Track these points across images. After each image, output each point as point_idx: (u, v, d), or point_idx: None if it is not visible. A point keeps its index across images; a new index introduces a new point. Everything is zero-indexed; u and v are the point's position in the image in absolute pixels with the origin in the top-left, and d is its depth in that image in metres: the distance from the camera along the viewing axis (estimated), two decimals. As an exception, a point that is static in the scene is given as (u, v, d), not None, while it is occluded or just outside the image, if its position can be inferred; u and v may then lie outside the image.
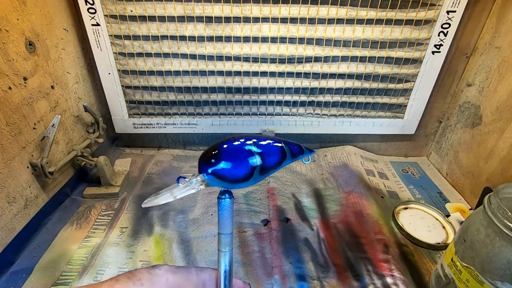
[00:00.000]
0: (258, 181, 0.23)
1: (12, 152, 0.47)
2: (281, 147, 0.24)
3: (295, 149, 0.24)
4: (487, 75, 0.62)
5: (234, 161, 0.22)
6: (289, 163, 0.24)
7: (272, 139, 0.24)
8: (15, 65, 0.47)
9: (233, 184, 0.23)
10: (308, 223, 0.57)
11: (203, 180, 0.22)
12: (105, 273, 0.47)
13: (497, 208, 0.34)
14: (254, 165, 0.22)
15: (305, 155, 0.25)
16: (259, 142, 0.23)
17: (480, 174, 0.62)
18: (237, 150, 0.22)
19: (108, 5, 0.58)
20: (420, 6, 0.60)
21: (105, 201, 0.61)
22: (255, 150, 0.22)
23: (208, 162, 0.22)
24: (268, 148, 0.23)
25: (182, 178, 0.22)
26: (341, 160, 0.75)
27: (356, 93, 0.70)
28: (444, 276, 0.41)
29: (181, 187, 0.22)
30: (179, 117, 0.72)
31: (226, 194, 0.23)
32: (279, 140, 0.24)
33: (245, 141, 0.23)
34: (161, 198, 0.22)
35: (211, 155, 0.22)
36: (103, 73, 0.66)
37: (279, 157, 0.23)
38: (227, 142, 0.23)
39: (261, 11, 0.60)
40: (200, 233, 0.54)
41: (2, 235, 0.46)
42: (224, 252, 0.23)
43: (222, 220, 0.23)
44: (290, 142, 0.24)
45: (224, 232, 0.23)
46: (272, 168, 0.23)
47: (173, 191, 0.22)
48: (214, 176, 0.22)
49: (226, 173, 0.22)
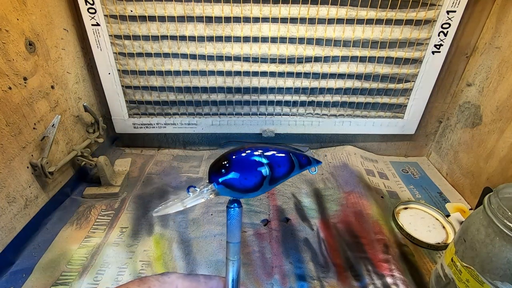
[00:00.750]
0: (266, 191, 0.24)
1: (12, 152, 0.47)
2: (290, 158, 0.24)
3: (303, 160, 0.25)
4: (487, 75, 0.62)
5: (244, 171, 0.22)
6: (296, 174, 0.25)
7: (281, 151, 0.24)
8: (15, 65, 0.47)
9: (243, 194, 0.23)
10: (308, 223, 0.57)
11: (213, 189, 0.22)
12: (105, 273, 0.47)
13: (497, 208, 0.34)
14: (264, 175, 0.23)
15: (312, 165, 0.26)
16: (268, 153, 0.23)
17: (480, 174, 0.62)
18: (247, 160, 0.23)
19: (108, 5, 0.58)
20: (420, 6, 0.59)
21: (105, 201, 0.61)
22: (265, 161, 0.23)
23: (218, 172, 0.22)
24: (278, 159, 0.24)
25: (193, 188, 0.22)
26: (341, 160, 0.75)
27: (356, 93, 0.70)
28: (444, 276, 0.41)
29: (192, 196, 0.22)
30: (179, 117, 0.72)
31: (235, 203, 0.24)
32: (288, 151, 0.25)
33: (255, 151, 0.23)
34: (171, 207, 0.22)
35: (222, 165, 0.22)
36: (103, 73, 0.66)
37: (288, 167, 0.24)
38: (237, 153, 0.23)
39: (261, 11, 0.60)
40: (200, 233, 0.54)
41: (2, 235, 0.46)
42: (233, 261, 0.24)
43: (231, 229, 0.24)
44: (298, 153, 0.25)
45: (232, 241, 0.24)
46: (281, 179, 0.24)
47: (184, 201, 0.22)
48: (224, 186, 0.22)
49: (236, 183, 0.22)
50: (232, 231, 0.24)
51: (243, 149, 0.23)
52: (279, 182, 0.24)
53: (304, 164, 0.25)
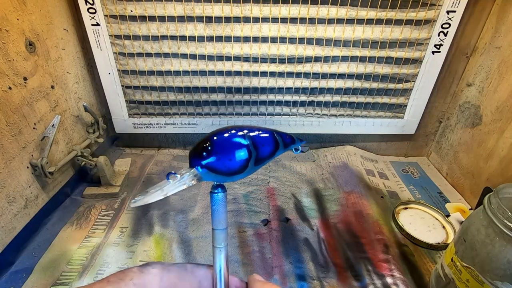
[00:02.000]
0: (252, 173, 0.23)
1: (12, 152, 0.47)
2: (274, 137, 0.24)
3: (287, 139, 0.25)
4: (487, 75, 0.62)
5: (228, 152, 0.21)
6: (282, 153, 0.25)
7: (263, 130, 0.24)
8: (15, 65, 0.47)
9: (228, 177, 0.22)
10: (308, 223, 0.57)
11: (196, 174, 0.21)
12: (105, 273, 0.47)
13: (497, 208, 0.34)
14: (248, 155, 0.22)
15: (297, 144, 0.26)
16: (252, 133, 0.23)
17: (480, 174, 0.62)
18: (230, 141, 0.22)
19: (108, 5, 0.58)
20: (420, 6, 0.59)
21: (105, 201, 0.61)
22: (248, 141, 0.22)
23: (200, 155, 0.21)
24: (262, 139, 0.23)
25: (172, 174, 0.21)
26: (341, 160, 0.75)
27: (356, 93, 0.70)
28: (444, 276, 0.41)
29: (172, 183, 0.21)
30: (179, 117, 0.72)
31: (219, 188, 0.23)
32: (272, 131, 0.24)
33: (237, 132, 0.22)
34: (151, 196, 0.20)
35: (203, 147, 0.21)
36: (103, 73, 0.66)
37: (272, 147, 0.24)
38: (218, 134, 0.22)
39: (261, 11, 0.60)
40: (200, 233, 0.54)
41: (2, 235, 0.46)
42: (219, 248, 0.23)
43: (216, 215, 0.23)
44: (282, 132, 0.25)
45: (218, 227, 0.23)
46: (267, 159, 0.23)
47: (164, 188, 0.21)
48: (207, 169, 0.21)
49: (220, 165, 0.21)
50: (217, 217, 0.23)
51: (225, 130, 0.22)
52: (265, 163, 0.24)
53: (288, 142, 0.25)
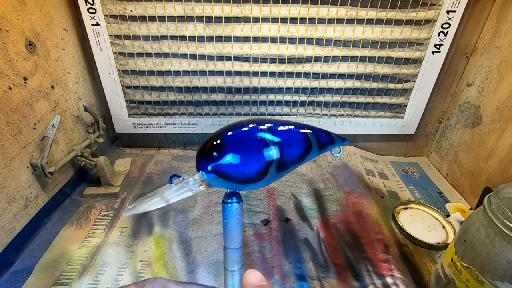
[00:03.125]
0: (273, 181, 0.17)
1: (12, 152, 0.47)
2: (306, 134, 0.18)
3: (323, 138, 0.18)
4: (487, 75, 0.62)
5: (243, 153, 0.16)
6: (314, 156, 0.18)
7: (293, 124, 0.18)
8: (15, 65, 0.47)
9: (242, 185, 0.17)
10: (308, 223, 0.57)
11: (203, 179, 0.17)
12: (105, 273, 0.47)
13: (497, 208, 0.34)
14: (269, 159, 0.16)
15: (336, 145, 0.19)
16: (276, 128, 0.17)
17: (480, 174, 0.62)
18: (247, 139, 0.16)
19: (108, 5, 0.58)
20: (420, 6, 0.59)
21: (105, 201, 0.61)
22: (272, 139, 0.16)
23: (208, 156, 0.16)
24: (289, 136, 0.17)
25: (177, 177, 0.17)
26: (341, 160, 0.75)
27: (356, 93, 0.70)
28: (444, 276, 0.41)
29: (175, 188, 0.17)
30: (179, 117, 0.72)
31: (234, 197, 0.18)
32: (303, 126, 0.18)
33: (257, 126, 0.17)
34: (149, 203, 0.17)
35: (213, 146, 0.16)
36: (103, 73, 0.66)
37: (303, 148, 0.17)
38: (233, 129, 0.17)
39: (261, 11, 0.60)
40: (200, 233, 0.54)
41: (2, 235, 0.46)
42: (232, 272, 0.18)
43: (228, 231, 0.18)
44: (317, 128, 0.19)
45: (231, 246, 0.18)
46: (294, 164, 0.18)
47: (165, 195, 0.17)
48: (216, 174, 0.16)
49: (232, 170, 0.16)
50: (230, 233, 0.18)
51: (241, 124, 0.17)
52: (291, 169, 0.17)
53: (324, 142, 0.18)
